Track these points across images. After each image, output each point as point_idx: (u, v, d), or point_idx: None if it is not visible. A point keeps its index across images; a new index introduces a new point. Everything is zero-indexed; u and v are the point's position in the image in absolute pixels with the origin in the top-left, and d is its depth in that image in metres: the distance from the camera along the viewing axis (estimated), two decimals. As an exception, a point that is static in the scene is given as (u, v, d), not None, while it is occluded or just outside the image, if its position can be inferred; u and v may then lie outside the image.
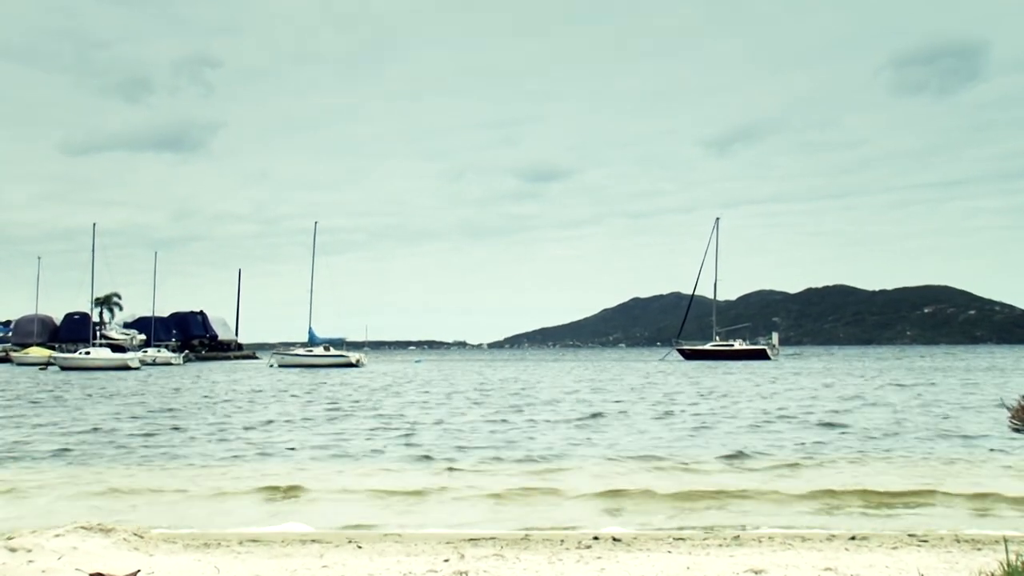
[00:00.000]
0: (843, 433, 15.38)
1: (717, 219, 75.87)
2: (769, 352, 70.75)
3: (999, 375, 41.02)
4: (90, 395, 30.49)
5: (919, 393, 26.73)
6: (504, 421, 18.47)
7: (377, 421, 18.93)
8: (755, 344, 73.61)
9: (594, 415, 19.72)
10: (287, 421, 19.11)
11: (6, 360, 76.25)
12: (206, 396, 29.50)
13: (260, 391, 32.93)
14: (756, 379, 38.47)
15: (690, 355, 71.70)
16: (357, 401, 26.09)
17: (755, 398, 25.42)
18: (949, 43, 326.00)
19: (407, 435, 15.78)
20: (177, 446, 14.36)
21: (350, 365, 65.22)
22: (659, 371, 51.33)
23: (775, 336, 77.46)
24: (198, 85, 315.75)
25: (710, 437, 14.97)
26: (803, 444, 13.77)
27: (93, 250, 71.87)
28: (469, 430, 16.61)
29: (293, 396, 29.36)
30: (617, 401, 24.74)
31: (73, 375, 51.42)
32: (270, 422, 18.84)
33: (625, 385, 34.74)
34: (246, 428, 17.53)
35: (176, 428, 17.57)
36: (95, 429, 17.31)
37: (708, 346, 72.53)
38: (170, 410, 22.63)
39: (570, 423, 17.95)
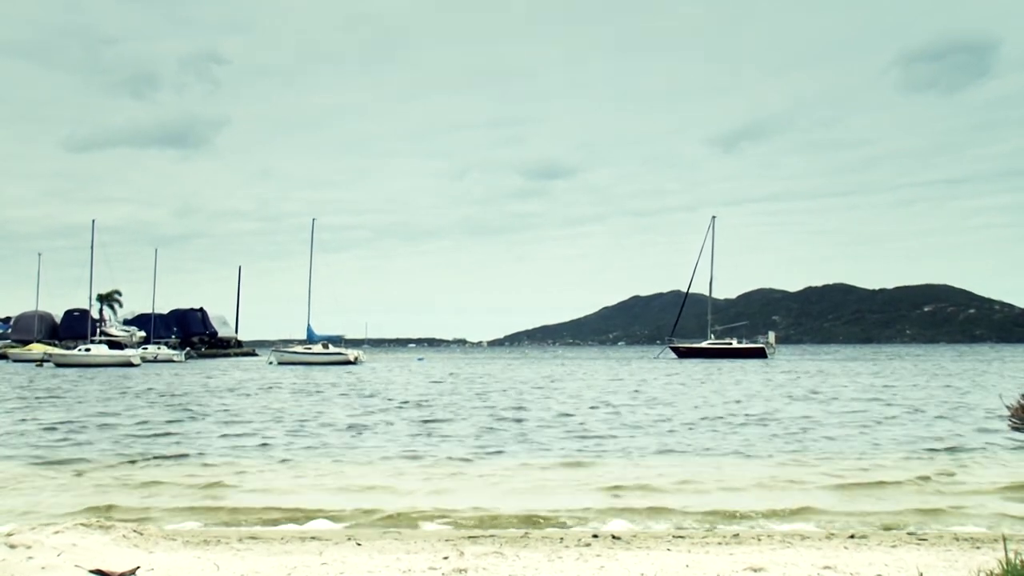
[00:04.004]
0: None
1: (713, 218, 76.51)
2: (766, 350, 70.96)
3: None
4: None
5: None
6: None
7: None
8: (754, 342, 73.78)
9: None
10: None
11: (2, 357, 76.18)
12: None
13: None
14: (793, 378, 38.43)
15: (684, 353, 71.80)
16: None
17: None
18: (960, 40, 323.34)
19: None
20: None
21: (347, 363, 65.20)
22: (678, 370, 51.31)
23: (772, 335, 77.84)
24: (205, 82, 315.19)
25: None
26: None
27: (92, 247, 71.95)
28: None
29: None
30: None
31: (73, 372, 51.39)
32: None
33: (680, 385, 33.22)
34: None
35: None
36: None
37: (704, 344, 72.62)
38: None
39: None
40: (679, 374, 43.10)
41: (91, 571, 5.27)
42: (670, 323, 78.90)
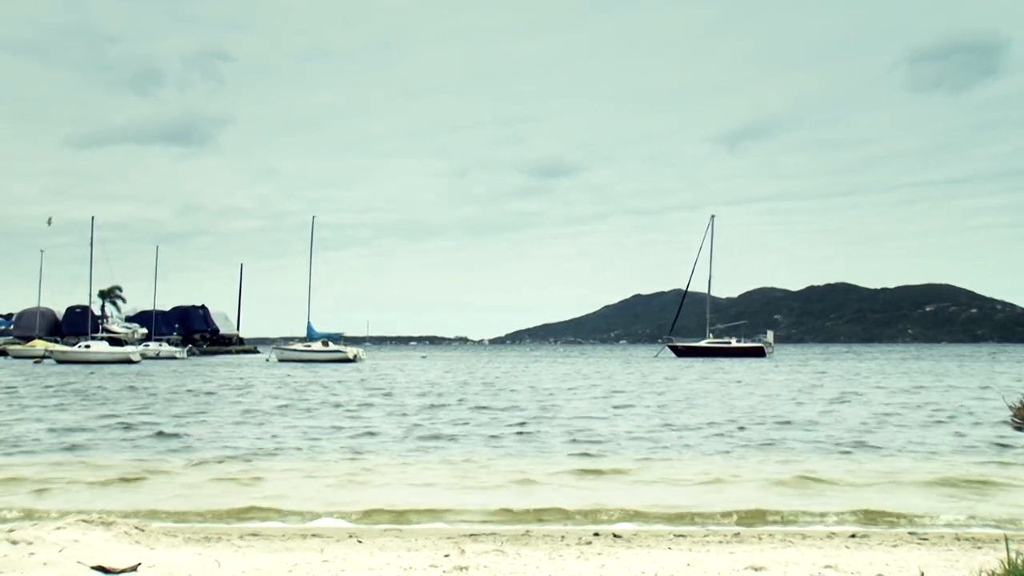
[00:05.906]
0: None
1: (712, 217, 76.61)
2: (765, 350, 71.06)
3: None
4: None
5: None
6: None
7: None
8: (753, 341, 73.86)
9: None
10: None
11: (2, 353, 76.17)
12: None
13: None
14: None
15: (683, 352, 71.84)
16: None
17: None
18: (966, 38, 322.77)
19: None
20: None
21: (347, 360, 65.21)
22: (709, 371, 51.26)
23: (770, 333, 77.87)
24: (209, 80, 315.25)
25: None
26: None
27: (92, 244, 71.99)
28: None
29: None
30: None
31: (73, 369, 51.38)
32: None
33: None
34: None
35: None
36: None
37: (702, 343, 72.67)
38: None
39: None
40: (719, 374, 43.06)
41: (92, 567, 5.27)
42: (671, 322, 78.92)
